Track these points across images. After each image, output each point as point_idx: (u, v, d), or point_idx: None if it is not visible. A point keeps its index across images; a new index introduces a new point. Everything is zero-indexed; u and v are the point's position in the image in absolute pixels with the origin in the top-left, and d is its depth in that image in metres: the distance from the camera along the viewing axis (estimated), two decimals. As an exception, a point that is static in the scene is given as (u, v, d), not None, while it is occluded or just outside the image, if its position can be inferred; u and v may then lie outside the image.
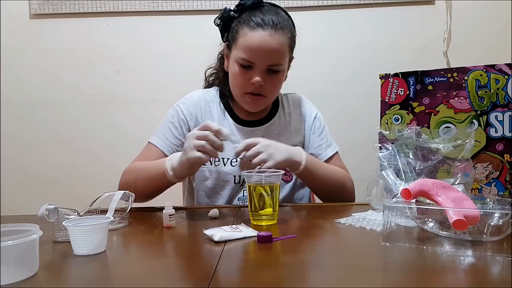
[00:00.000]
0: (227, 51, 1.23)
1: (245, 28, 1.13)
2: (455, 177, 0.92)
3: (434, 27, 1.79)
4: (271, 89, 1.19)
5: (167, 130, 1.23)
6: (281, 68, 1.17)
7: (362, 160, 1.33)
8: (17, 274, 0.61)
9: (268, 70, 1.15)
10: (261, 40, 1.11)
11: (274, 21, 1.13)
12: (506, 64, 1.01)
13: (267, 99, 1.21)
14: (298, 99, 1.34)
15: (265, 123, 1.26)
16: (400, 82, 1.09)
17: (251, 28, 1.12)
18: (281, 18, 1.15)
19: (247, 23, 1.13)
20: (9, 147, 1.84)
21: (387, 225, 0.76)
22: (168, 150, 1.20)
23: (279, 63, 1.15)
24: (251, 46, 1.12)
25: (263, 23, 1.12)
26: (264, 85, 1.15)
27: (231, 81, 1.21)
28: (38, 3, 1.79)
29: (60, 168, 1.84)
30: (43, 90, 1.83)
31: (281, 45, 1.14)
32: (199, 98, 1.27)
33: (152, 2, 1.79)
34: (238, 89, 1.19)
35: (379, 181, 0.97)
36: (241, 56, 1.13)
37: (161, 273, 0.64)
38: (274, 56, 1.14)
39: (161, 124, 1.26)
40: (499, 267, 0.63)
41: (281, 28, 1.13)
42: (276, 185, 0.92)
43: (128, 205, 0.95)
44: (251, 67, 1.14)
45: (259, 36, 1.12)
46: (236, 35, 1.16)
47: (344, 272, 0.64)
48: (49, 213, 0.80)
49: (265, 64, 1.14)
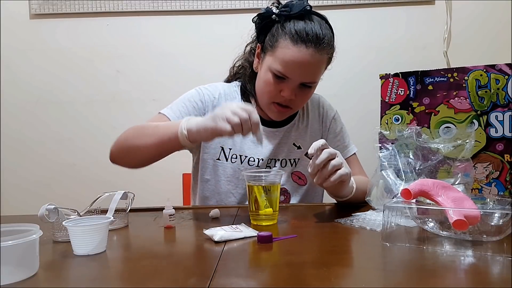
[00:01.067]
0: (260, 52, 1.18)
1: (287, 40, 1.07)
2: (455, 177, 0.92)
3: (434, 27, 1.79)
4: (300, 103, 1.17)
5: (183, 106, 1.17)
6: (314, 84, 1.15)
7: (362, 160, 1.33)
8: (17, 274, 0.61)
9: (301, 84, 1.11)
10: (301, 58, 1.07)
11: (319, 37, 1.07)
12: (506, 64, 1.01)
13: (293, 111, 1.19)
14: (317, 100, 1.32)
15: (285, 124, 1.24)
16: (400, 82, 1.09)
17: (293, 41, 1.06)
18: (326, 34, 1.09)
19: (289, 34, 1.07)
20: (9, 147, 1.84)
21: (387, 225, 0.76)
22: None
23: (313, 81, 1.14)
24: (290, 62, 1.07)
25: (307, 39, 1.06)
26: (294, 99, 1.12)
27: (260, 87, 1.17)
28: (38, 3, 1.79)
29: (60, 168, 1.84)
30: (43, 90, 1.83)
31: (321, 65, 1.12)
32: (223, 90, 1.23)
33: (152, 2, 1.79)
34: (266, 97, 1.15)
35: (379, 181, 0.97)
36: (277, 68, 1.09)
37: (161, 273, 0.64)
38: (312, 75, 1.12)
39: (177, 100, 1.20)
40: (499, 267, 0.63)
41: (323, 47, 1.08)
42: (276, 185, 0.92)
43: (128, 205, 0.95)
44: (284, 79, 1.10)
45: (300, 53, 1.06)
46: (275, 43, 1.10)
47: (344, 272, 0.64)
48: (49, 213, 0.81)
49: (300, 80, 1.10)
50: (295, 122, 1.26)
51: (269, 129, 1.22)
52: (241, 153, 1.19)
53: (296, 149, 1.23)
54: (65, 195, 1.79)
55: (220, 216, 0.99)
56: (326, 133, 1.29)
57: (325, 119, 1.29)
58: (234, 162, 1.19)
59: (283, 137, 1.23)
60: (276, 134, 1.23)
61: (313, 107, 1.30)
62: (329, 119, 1.29)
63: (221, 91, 1.23)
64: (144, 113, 1.83)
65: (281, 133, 1.23)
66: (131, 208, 0.96)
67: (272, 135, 1.22)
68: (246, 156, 1.19)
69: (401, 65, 1.28)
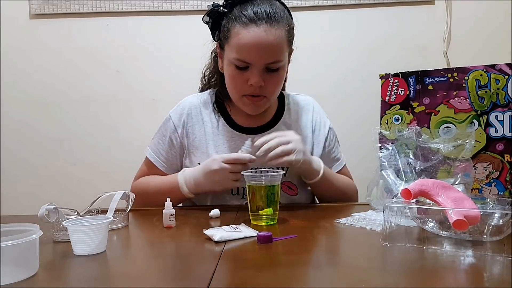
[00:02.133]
0: (220, 51, 1.14)
1: (237, 26, 1.03)
2: (455, 177, 0.92)
3: (434, 27, 1.79)
4: (272, 88, 1.09)
5: (160, 143, 1.20)
6: (280, 65, 1.07)
7: (362, 160, 1.33)
8: (17, 274, 0.61)
9: (267, 68, 1.06)
10: (255, 38, 1.01)
11: (269, 14, 1.02)
12: (506, 64, 1.01)
13: (268, 99, 1.11)
14: (308, 104, 1.24)
15: (266, 130, 1.17)
16: (400, 82, 1.09)
17: (243, 24, 1.02)
18: (276, 9, 1.05)
19: (238, 19, 1.03)
20: (9, 147, 1.84)
21: (387, 225, 0.76)
22: (162, 166, 1.19)
23: (278, 59, 1.05)
24: (245, 46, 1.02)
25: (256, 18, 1.02)
26: (264, 85, 1.06)
27: (227, 83, 1.13)
28: (38, 3, 1.79)
29: (60, 168, 1.84)
30: (43, 90, 1.83)
31: (279, 40, 1.04)
32: (191, 105, 1.20)
33: (152, 2, 1.79)
34: (235, 91, 1.11)
35: (379, 181, 0.97)
36: (235, 57, 1.04)
37: (161, 273, 0.64)
38: (272, 53, 1.04)
39: (156, 134, 1.22)
40: (499, 267, 0.63)
41: (276, 21, 1.03)
42: (276, 185, 0.92)
43: (128, 205, 0.95)
44: (248, 67, 1.05)
45: (253, 33, 1.01)
46: (227, 33, 1.06)
47: (344, 272, 0.64)
48: (49, 213, 0.80)
49: (262, 63, 1.04)
50: (278, 127, 1.19)
51: (246, 136, 1.17)
52: None
53: None
54: (65, 195, 1.79)
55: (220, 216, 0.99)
56: (321, 144, 1.21)
57: (319, 126, 1.22)
58: None
59: None
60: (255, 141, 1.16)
61: (304, 112, 1.23)
62: (326, 127, 1.23)
63: (191, 106, 1.20)
64: (144, 113, 1.84)
65: None
66: (131, 208, 0.96)
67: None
68: None
69: (401, 65, 1.28)
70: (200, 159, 1.16)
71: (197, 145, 1.17)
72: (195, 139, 1.17)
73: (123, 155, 1.84)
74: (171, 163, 1.20)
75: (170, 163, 1.20)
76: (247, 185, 0.93)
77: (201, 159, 1.15)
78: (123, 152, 1.84)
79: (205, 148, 1.16)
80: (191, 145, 1.18)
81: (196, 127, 1.18)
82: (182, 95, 1.35)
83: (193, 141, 1.17)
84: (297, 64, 1.29)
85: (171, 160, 1.19)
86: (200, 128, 1.18)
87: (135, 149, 1.84)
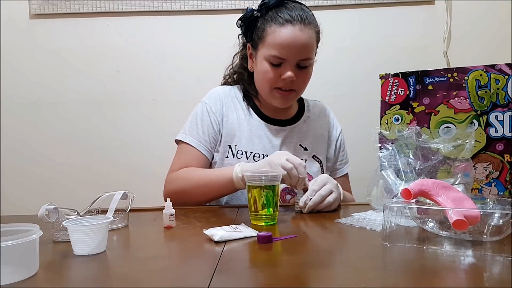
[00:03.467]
0: (252, 51, 1.23)
1: (273, 26, 1.14)
2: (455, 177, 0.92)
3: (434, 27, 1.78)
4: (301, 84, 1.20)
5: (200, 128, 1.23)
6: (310, 62, 1.18)
7: (362, 160, 1.33)
8: (17, 274, 0.61)
9: (298, 65, 1.16)
10: (292, 35, 1.12)
11: (302, 16, 1.14)
12: (506, 64, 1.01)
13: (297, 94, 1.22)
14: (324, 108, 1.37)
15: (290, 124, 1.28)
16: (400, 82, 1.09)
17: (280, 24, 1.13)
18: (307, 14, 1.17)
19: (274, 21, 1.14)
20: (9, 147, 1.84)
21: (387, 225, 0.76)
22: (205, 150, 1.21)
23: (309, 57, 1.16)
24: (282, 42, 1.13)
25: (292, 19, 1.13)
26: (295, 80, 1.16)
27: (259, 79, 1.21)
28: (38, 3, 1.79)
29: (60, 168, 1.84)
30: (43, 90, 1.83)
31: (311, 39, 1.15)
32: (224, 93, 1.28)
33: (152, 2, 1.79)
34: (268, 85, 1.18)
35: (379, 181, 0.97)
36: (272, 54, 1.14)
37: (161, 273, 0.64)
38: (305, 50, 1.15)
39: (190, 122, 1.25)
40: (499, 267, 0.63)
41: (309, 22, 1.15)
42: (276, 185, 0.92)
43: (128, 205, 0.95)
44: (281, 64, 1.15)
45: (289, 31, 1.12)
46: (263, 33, 1.16)
47: (344, 272, 0.64)
48: (49, 213, 0.80)
49: (296, 59, 1.14)
50: (300, 123, 1.29)
51: (273, 127, 1.26)
52: (246, 149, 1.21)
53: (302, 150, 1.26)
54: (65, 195, 1.79)
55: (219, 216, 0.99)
56: (333, 145, 1.33)
57: (334, 130, 1.34)
58: (240, 158, 1.21)
59: (287, 136, 1.26)
60: (281, 132, 1.26)
61: (321, 114, 1.35)
62: (338, 132, 1.35)
63: (224, 94, 1.27)
64: (144, 113, 1.84)
65: (285, 131, 1.26)
66: (131, 208, 0.96)
67: (277, 132, 1.25)
68: (251, 152, 1.21)
69: (401, 65, 1.28)
70: (231, 141, 1.22)
71: (230, 128, 1.23)
72: (228, 122, 1.24)
73: (123, 155, 1.84)
74: (211, 146, 1.23)
75: (211, 147, 1.23)
76: (247, 185, 0.93)
77: (233, 141, 1.22)
78: (123, 152, 1.84)
79: (237, 131, 1.23)
80: (225, 128, 1.24)
81: (229, 112, 1.25)
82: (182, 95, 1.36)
83: (227, 123, 1.24)
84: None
85: (212, 143, 1.23)
86: (233, 113, 1.25)
87: (135, 149, 1.85)
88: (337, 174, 1.34)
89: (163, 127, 1.82)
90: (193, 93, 1.79)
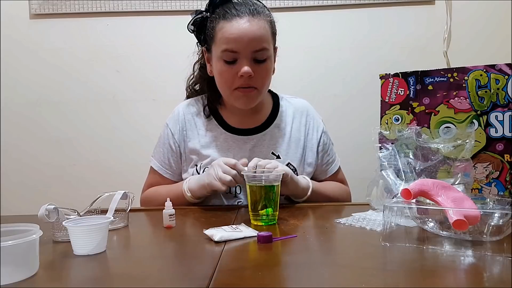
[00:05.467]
0: (207, 55, 1.19)
1: (221, 22, 1.10)
2: (455, 177, 0.92)
3: (434, 27, 1.78)
4: (261, 79, 1.13)
5: (161, 151, 1.24)
6: (267, 54, 1.11)
7: (362, 160, 1.33)
8: (17, 274, 0.61)
9: (254, 60, 1.10)
10: (240, 27, 1.07)
11: (250, 9, 1.10)
12: (506, 64, 1.01)
13: (258, 91, 1.14)
14: (302, 107, 1.28)
15: (259, 131, 1.21)
16: (400, 82, 1.09)
17: (227, 19, 1.09)
18: (256, 5, 1.12)
19: (222, 17, 1.10)
20: (9, 147, 1.84)
21: (387, 225, 0.76)
22: (166, 173, 1.23)
23: (263, 47, 1.09)
24: (231, 36, 1.08)
25: (239, 12, 1.09)
26: (253, 76, 1.09)
27: (218, 81, 1.16)
28: (38, 3, 1.79)
29: (60, 168, 1.84)
30: (43, 90, 1.83)
31: (262, 29, 1.10)
32: (184, 111, 1.25)
33: (152, 2, 1.79)
34: (226, 86, 1.13)
35: (379, 181, 0.97)
36: (223, 48, 1.09)
37: (161, 273, 0.64)
38: (257, 41, 1.08)
39: (157, 144, 1.27)
40: (499, 267, 0.63)
41: (258, 13, 1.10)
42: (276, 185, 0.92)
43: (128, 205, 0.95)
44: (236, 60, 1.09)
45: (237, 24, 1.08)
46: (213, 32, 1.12)
47: (344, 272, 0.64)
48: (49, 213, 0.80)
49: (249, 51, 1.08)
50: (271, 130, 1.22)
51: (239, 137, 1.20)
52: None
53: (275, 159, 1.19)
54: (65, 195, 1.79)
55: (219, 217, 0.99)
56: (315, 145, 1.25)
57: (312, 130, 1.26)
58: None
59: (255, 145, 1.20)
60: (247, 142, 1.20)
61: (298, 115, 1.26)
62: (319, 132, 1.26)
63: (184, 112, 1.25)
64: (144, 113, 1.84)
65: (253, 140, 1.20)
66: (131, 208, 0.96)
67: (243, 143, 1.20)
68: None
69: (401, 65, 1.28)
70: (196, 161, 1.21)
71: (193, 150, 1.21)
72: (189, 142, 1.22)
73: (123, 155, 1.84)
74: (174, 169, 1.23)
75: (173, 169, 1.23)
76: (247, 185, 0.93)
77: (197, 161, 1.20)
78: (123, 152, 1.84)
79: (203, 151, 1.20)
80: (188, 149, 1.22)
81: (190, 131, 1.23)
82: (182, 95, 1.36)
83: (188, 144, 1.22)
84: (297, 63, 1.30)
85: (174, 166, 1.23)
86: (193, 131, 1.23)
87: (135, 149, 1.84)
88: (328, 174, 1.28)
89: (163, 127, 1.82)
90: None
